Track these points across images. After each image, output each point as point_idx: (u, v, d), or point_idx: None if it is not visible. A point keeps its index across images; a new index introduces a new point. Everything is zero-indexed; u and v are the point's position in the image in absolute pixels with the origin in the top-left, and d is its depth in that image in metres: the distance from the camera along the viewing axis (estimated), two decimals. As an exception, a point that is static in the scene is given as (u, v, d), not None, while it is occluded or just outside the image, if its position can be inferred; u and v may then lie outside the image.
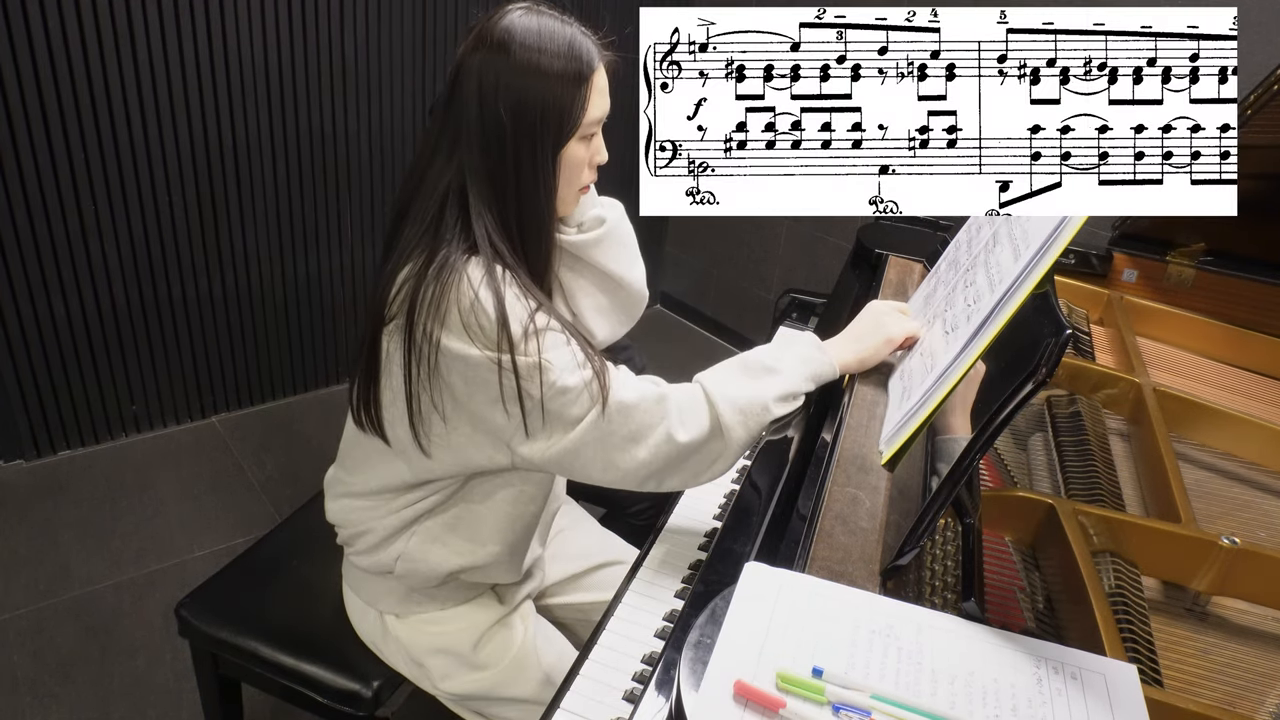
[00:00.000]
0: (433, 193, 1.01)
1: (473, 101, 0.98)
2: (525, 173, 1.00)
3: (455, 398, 0.99)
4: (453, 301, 0.95)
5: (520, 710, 1.20)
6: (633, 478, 1.02)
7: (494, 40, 0.98)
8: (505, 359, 0.95)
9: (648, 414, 1.00)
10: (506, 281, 0.97)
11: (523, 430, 0.99)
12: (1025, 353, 0.77)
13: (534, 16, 1.00)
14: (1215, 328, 1.41)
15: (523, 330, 0.95)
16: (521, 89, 0.97)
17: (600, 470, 1.01)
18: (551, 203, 1.04)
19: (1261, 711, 0.79)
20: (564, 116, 1.00)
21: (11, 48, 2.01)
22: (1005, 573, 0.91)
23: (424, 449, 1.04)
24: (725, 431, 1.02)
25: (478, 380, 0.97)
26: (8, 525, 2.19)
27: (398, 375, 1.01)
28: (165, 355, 2.53)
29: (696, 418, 1.02)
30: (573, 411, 0.98)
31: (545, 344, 0.96)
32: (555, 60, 0.98)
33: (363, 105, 2.60)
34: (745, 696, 0.65)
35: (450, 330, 0.96)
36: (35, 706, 1.74)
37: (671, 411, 1.01)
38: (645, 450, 1.00)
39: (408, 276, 0.99)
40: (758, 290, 3.34)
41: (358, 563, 1.18)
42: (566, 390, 0.97)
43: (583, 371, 0.98)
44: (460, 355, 0.96)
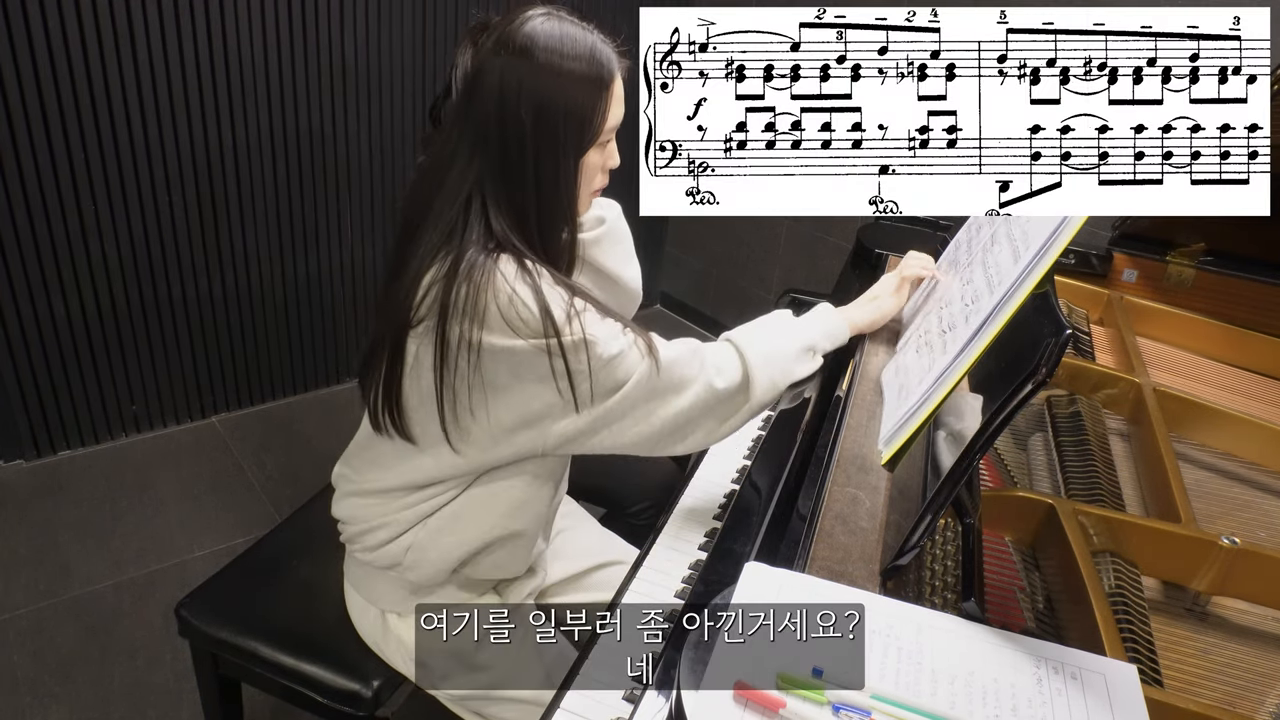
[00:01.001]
0: (453, 198, 1.01)
1: (493, 106, 0.98)
2: (546, 178, 1.01)
3: (499, 391, 1.01)
4: (490, 300, 0.96)
5: (520, 710, 1.20)
6: (666, 429, 1.07)
7: (516, 45, 0.98)
8: (553, 343, 0.97)
9: (689, 365, 1.06)
10: (538, 272, 0.99)
11: (574, 405, 1.02)
12: (1025, 353, 0.77)
13: (555, 22, 1.00)
14: (1215, 328, 1.41)
15: (565, 315, 0.98)
16: (544, 95, 0.98)
17: (637, 425, 1.05)
18: (573, 207, 1.05)
19: (1261, 711, 0.79)
20: (585, 124, 1.00)
21: (11, 48, 2.01)
22: (1005, 573, 0.91)
23: (454, 447, 1.06)
24: (753, 382, 1.09)
25: (526, 369, 0.99)
26: (8, 525, 2.19)
27: (427, 378, 1.02)
28: (165, 355, 2.53)
29: (730, 367, 1.09)
30: (619, 375, 1.02)
31: (588, 322, 0.99)
32: (578, 66, 0.98)
33: (363, 105, 2.60)
34: (745, 696, 0.65)
35: (491, 328, 0.97)
36: (35, 706, 1.74)
37: (709, 362, 1.08)
38: (686, 399, 1.06)
39: (434, 280, 1.00)
40: (758, 290, 3.34)
41: (363, 559, 1.18)
42: (613, 358, 1.01)
43: (625, 337, 1.02)
44: (505, 349, 0.98)
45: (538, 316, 0.96)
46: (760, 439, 1.36)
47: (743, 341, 1.11)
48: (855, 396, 1.09)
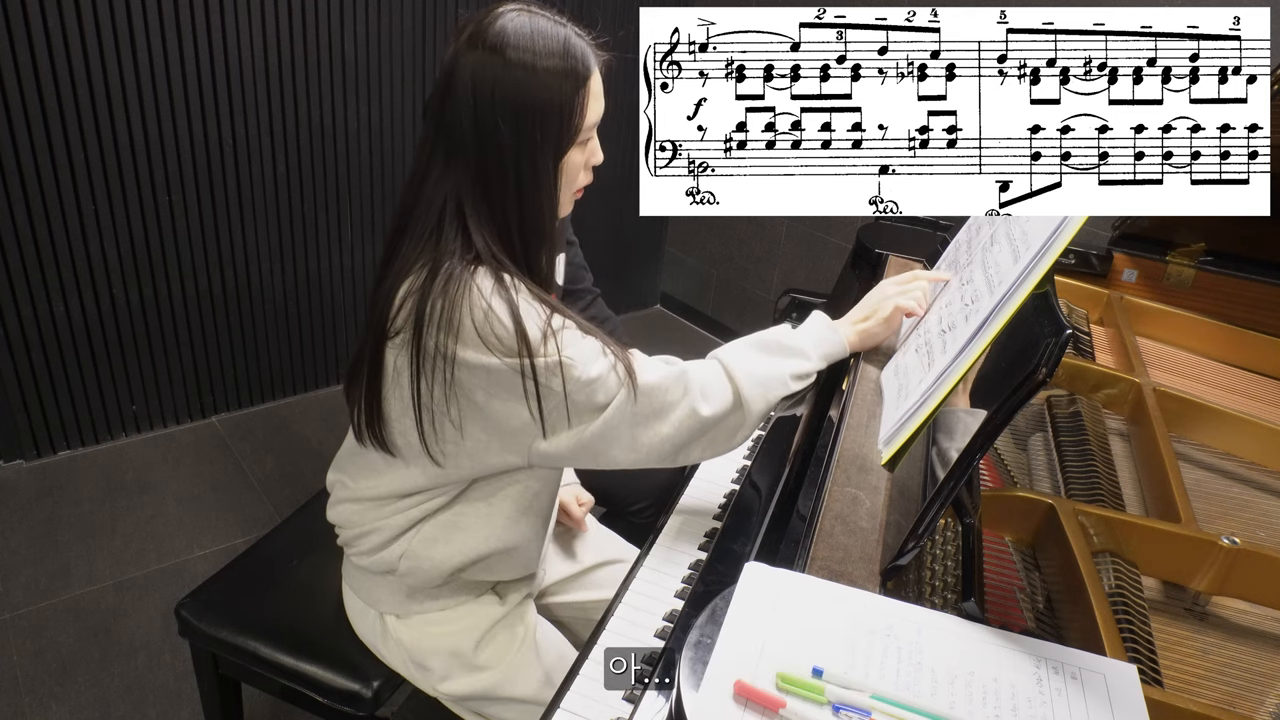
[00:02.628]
0: (430, 205, 0.99)
1: (467, 108, 0.96)
2: (526, 181, 0.99)
3: (475, 406, 0.99)
4: (464, 314, 0.94)
5: (520, 710, 1.20)
6: (655, 454, 1.04)
7: (487, 43, 0.96)
8: (526, 364, 0.95)
9: (670, 391, 1.02)
10: (516, 288, 0.97)
11: (549, 428, 0.99)
12: (1025, 353, 0.77)
13: (527, 17, 0.98)
14: (1215, 328, 1.41)
15: (540, 334, 0.95)
16: (518, 94, 0.96)
17: (624, 451, 1.03)
18: (553, 209, 1.03)
19: (1261, 711, 0.79)
20: (562, 122, 0.98)
21: (11, 48, 2.01)
22: (1005, 573, 0.91)
23: (435, 459, 1.04)
24: (746, 404, 1.05)
25: (501, 387, 0.97)
26: (8, 525, 2.19)
27: (407, 388, 1.00)
28: (165, 355, 2.53)
29: (718, 392, 1.05)
30: (599, 398, 0.99)
31: (563, 342, 0.96)
32: (551, 63, 0.96)
33: (363, 104, 2.60)
34: (745, 696, 0.65)
35: (465, 343, 0.95)
36: (35, 706, 1.74)
37: (693, 387, 1.04)
38: (669, 426, 1.02)
39: (410, 291, 0.98)
40: (758, 290, 3.34)
41: (359, 563, 1.18)
42: (591, 381, 0.98)
43: (605, 359, 0.99)
44: (479, 366, 0.95)
45: (512, 334, 0.94)
46: (760, 439, 1.36)
47: (732, 361, 1.07)
48: (855, 396, 1.09)
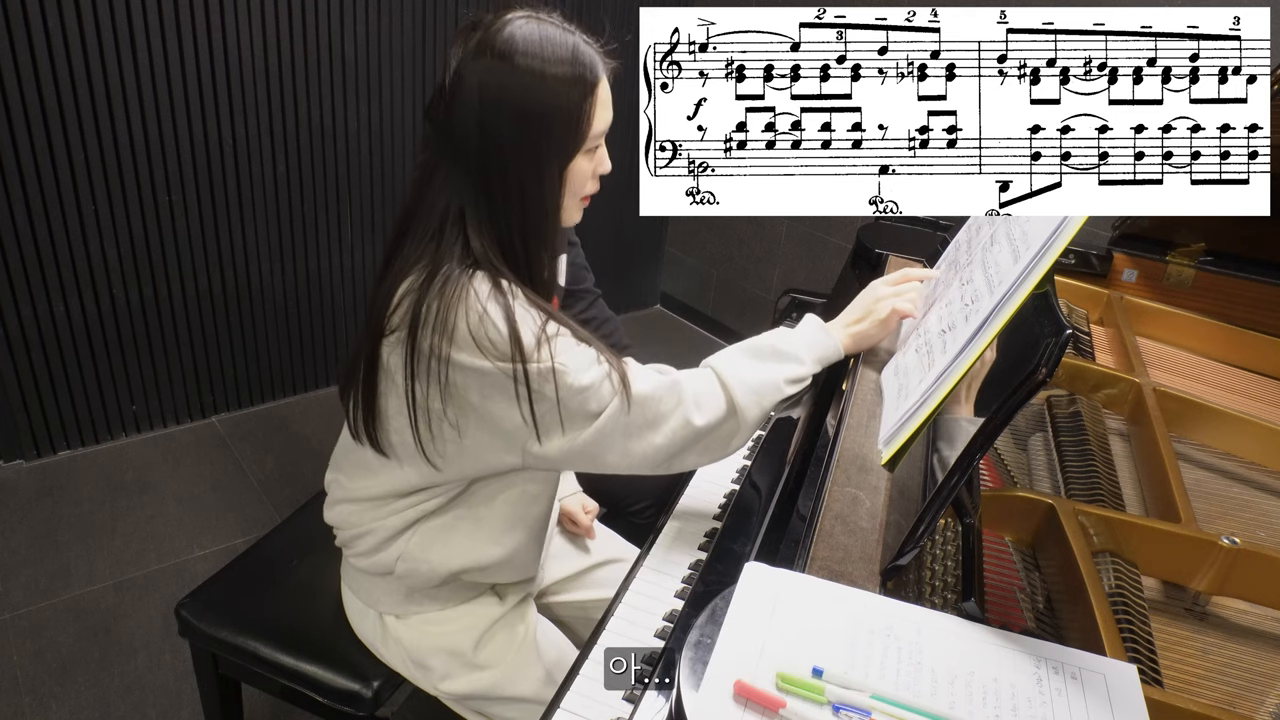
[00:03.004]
0: (432, 209, 0.99)
1: (472, 113, 0.96)
2: (530, 188, 0.99)
3: (471, 407, 0.99)
4: (460, 317, 0.94)
5: (521, 710, 1.20)
6: (649, 463, 1.04)
7: (496, 50, 0.95)
8: (519, 369, 0.95)
9: (663, 401, 1.02)
10: (513, 293, 0.97)
11: (542, 432, 0.99)
12: (1025, 353, 0.77)
13: (536, 24, 0.97)
14: (1215, 328, 1.41)
15: (535, 339, 0.95)
16: (525, 101, 0.95)
17: (618, 458, 1.03)
18: (556, 217, 1.03)
19: (1261, 711, 0.79)
20: (569, 130, 0.98)
21: (11, 48, 2.01)
22: (1005, 573, 0.91)
23: (430, 460, 1.04)
24: (740, 412, 1.04)
25: (494, 390, 0.97)
26: (8, 525, 2.19)
27: (402, 387, 1.00)
28: (165, 355, 2.53)
29: (711, 401, 1.04)
30: (592, 406, 0.99)
31: (557, 348, 0.96)
32: (560, 70, 0.96)
33: (363, 104, 2.60)
34: (745, 696, 0.65)
35: (460, 345, 0.95)
36: (35, 706, 1.74)
37: (687, 397, 1.03)
38: (662, 436, 1.02)
39: (408, 290, 0.98)
40: (758, 290, 3.34)
41: (357, 564, 1.17)
42: (584, 388, 0.98)
43: (599, 367, 0.99)
44: (473, 369, 0.96)
45: (506, 339, 0.94)
46: (760, 439, 1.36)
47: (725, 369, 1.06)
48: (855, 396, 1.09)
